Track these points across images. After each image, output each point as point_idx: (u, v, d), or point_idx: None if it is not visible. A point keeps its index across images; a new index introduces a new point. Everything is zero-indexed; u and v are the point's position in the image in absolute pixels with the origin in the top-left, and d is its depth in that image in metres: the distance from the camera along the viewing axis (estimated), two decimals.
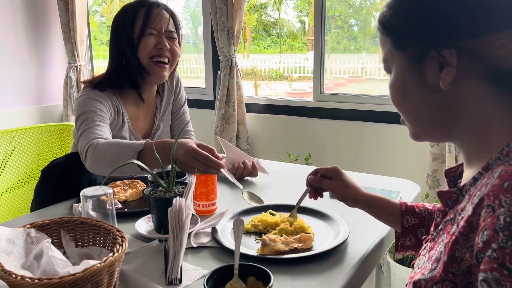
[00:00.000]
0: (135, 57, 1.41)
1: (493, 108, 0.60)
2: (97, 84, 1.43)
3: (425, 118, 0.66)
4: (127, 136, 1.47)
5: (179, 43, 1.50)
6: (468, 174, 0.66)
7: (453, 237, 0.55)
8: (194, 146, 1.11)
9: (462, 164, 0.72)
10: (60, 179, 1.35)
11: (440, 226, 0.65)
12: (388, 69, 0.70)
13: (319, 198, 1.07)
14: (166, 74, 1.47)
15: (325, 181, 1.03)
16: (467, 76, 0.60)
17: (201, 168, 1.10)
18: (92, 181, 1.35)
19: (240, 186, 1.18)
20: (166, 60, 1.44)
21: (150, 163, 1.13)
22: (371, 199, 1.00)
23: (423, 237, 0.93)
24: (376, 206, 1.00)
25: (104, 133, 1.31)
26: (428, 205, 0.98)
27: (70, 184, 1.30)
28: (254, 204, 1.18)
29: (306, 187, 1.07)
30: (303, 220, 1.08)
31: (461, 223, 0.55)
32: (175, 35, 1.47)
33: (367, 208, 1.00)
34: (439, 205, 0.95)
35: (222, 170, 1.12)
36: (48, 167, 1.40)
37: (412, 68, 0.64)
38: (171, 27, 1.45)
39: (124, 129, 1.46)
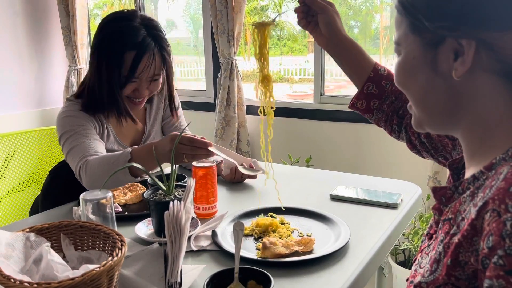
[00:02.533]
0: (119, 95, 1.34)
1: (503, 106, 0.59)
2: (79, 97, 1.40)
3: (431, 104, 0.64)
4: (116, 148, 1.45)
5: (169, 70, 1.40)
6: (469, 171, 0.65)
7: (456, 240, 0.54)
8: (176, 133, 1.12)
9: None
10: (69, 179, 1.34)
11: (440, 225, 0.63)
12: (399, 52, 0.67)
13: (319, 201, 1.07)
14: (141, 106, 1.44)
15: (318, 1, 0.99)
16: (480, 69, 0.58)
17: (189, 152, 1.09)
18: None
19: (234, 162, 1.18)
20: (141, 99, 1.40)
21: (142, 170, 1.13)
22: (347, 39, 1.00)
23: (373, 107, 1.01)
24: (349, 50, 1.00)
25: (89, 147, 1.29)
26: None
27: (79, 184, 1.30)
28: (253, 173, 1.17)
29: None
30: (286, 219, 1.11)
31: (465, 226, 0.54)
32: (159, 76, 1.38)
33: (341, 48, 1.00)
34: None
35: (211, 148, 1.11)
36: (56, 167, 1.40)
37: (425, 53, 0.62)
38: (158, 70, 1.35)
39: (110, 141, 1.44)
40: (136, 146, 1.21)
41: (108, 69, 1.31)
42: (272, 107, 0.98)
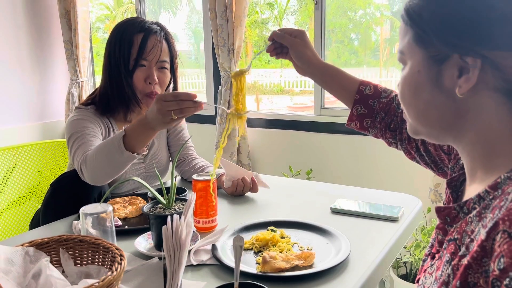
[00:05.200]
0: (131, 88, 1.42)
1: (506, 124, 0.58)
2: (88, 105, 1.46)
3: (432, 120, 0.64)
4: None
5: (174, 62, 1.50)
6: (472, 189, 0.64)
7: (466, 262, 0.53)
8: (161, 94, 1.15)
9: (463, 172, 0.70)
10: (70, 192, 1.35)
11: (444, 245, 0.62)
12: (403, 61, 0.67)
13: (319, 214, 1.06)
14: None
15: (286, 37, 1.03)
16: (484, 87, 0.58)
17: (175, 106, 1.10)
18: (102, 194, 1.35)
19: (222, 107, 1.21)
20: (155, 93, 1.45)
21: (138, 143, 1.20)
22: (327, 67, 1.02)
23: (367, 126, 1.03)
24: (331, 78, 1.03)
25: (93, 145, 1.32)
26: (388, 95, 1.01)
27: (80, 197, 1.29)
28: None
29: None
30: (286, 233, 1.11)
31: (474, 247, 0.52)
32: (167, 65, 1.46)
33: (322, 77, 1.03)
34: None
35: (196, 100, 1.10)
36: (58, 180, 1.40)
37: (430, 68, 0.61)
38: (164, 56, 1.45)
39: None
40: (127, 125, 1.24)
41: (119, 52, 1.40)
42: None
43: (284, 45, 1.05)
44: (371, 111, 1.02)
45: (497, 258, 0.48)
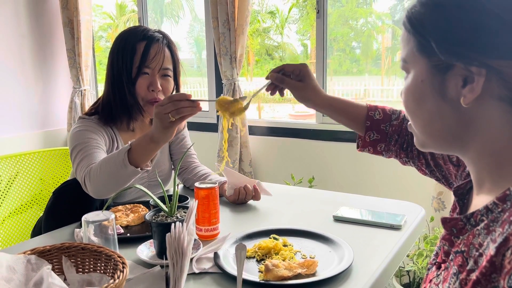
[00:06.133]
0: (133, 96, 1.43)
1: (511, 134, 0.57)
2: (91, 115, 1.46)
3: (437, 130, 0.63)
4: None
5: (177, 69, 1.50)
6: (479, 199, 0.63)
7: (474, 278, 0.52)
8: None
9: (470, 180, 0.69)
10: (72, 200, 1.34)
11: (451, 256, 0.61)
12: (406, 69, 0.66)
13: (321, 220, 1.06)
14: None
15: (286, 80, 1.02)
16: (489, 97, 0.57)
17: (172, 108, 1.09)
18: (104, 202, 1.35)
19: (213, 99, 1.21)
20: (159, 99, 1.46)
21: (142, 157, 1.19)
22: (332, 103, 1.02)
23: (381, 150, 1.02)
24: (338, 112, 1.02)
25: (100, 157, 1.32)
26: (399, 116, 1.01)
27: (82, 204, 1.29)
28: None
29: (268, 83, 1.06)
30: (289, 241, 1.10)
31: (483, 263, 0.51)
32: (170, 73, 1.47)
33: (328, 112, 1.03)
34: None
35: (192, 98, 1.10)
36: (60, 188, 1.40)
37: (434, 77, 0.60)
38: (167, 64, 1.45)
39: None
40: (133, 139, 1.23)
41: (122, 60, 1.41)
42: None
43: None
44: (385, 136, 1.01)
45: (507, 275, 0.47)
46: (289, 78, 1.03)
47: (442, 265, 0.66)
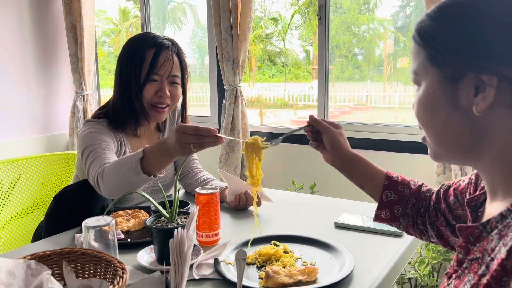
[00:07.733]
0: (140, 101, 1.43)
1: None
2: (100, 118, 1.46)
3: (451, 140, 0.63)
4: None
5: (185, 77, 1.51)
6: (493, 207, 0.63)
7: (485, 281, 0.52)
8: (182, 124, 1.14)
9: (483, 192, 0.69)
10: (73, 205, 1.34)
11: (465, 264, 0.61)
12: (417, 82, 0.66)
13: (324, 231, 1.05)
14: (165, 116, 1.50)
15: (322, 123, 1.04)
16: (501, 105, 0.57)
17: (195, 141, 1.09)
18: (105, 207, 1.34)
19: (240, 139, 1.19)
20: (165, 106, 1.46)
21: (155, 166, 1.18)
22: (356, 156, 1.01)
23: (398, 214, 0.97)
24: (359, 170, 1.01)
25: (111, 159, 1.32)
26: (416, 183, 0.99)
27: (83, 209, 1.29)
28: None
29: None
30: (289, 247, 1.10)
31: (494, 266, 0.52)
32: (178, 80, 1.48)
33: (349, 163, 1.02)
34: (435, 189, 0.94)
35: (218, 134, 1.11)
36: (61, 193, 1.40)
37: (445, 87, 0.61)
38: (176, 71, 1.46)
39: None
40: (147, 145, 1.22)
41: (131, 67, 1.41)
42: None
43: (319, 133, 1.06)
44: (402, 197, 0.97)
45: None
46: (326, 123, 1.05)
47: (454, 275, 0.65)
